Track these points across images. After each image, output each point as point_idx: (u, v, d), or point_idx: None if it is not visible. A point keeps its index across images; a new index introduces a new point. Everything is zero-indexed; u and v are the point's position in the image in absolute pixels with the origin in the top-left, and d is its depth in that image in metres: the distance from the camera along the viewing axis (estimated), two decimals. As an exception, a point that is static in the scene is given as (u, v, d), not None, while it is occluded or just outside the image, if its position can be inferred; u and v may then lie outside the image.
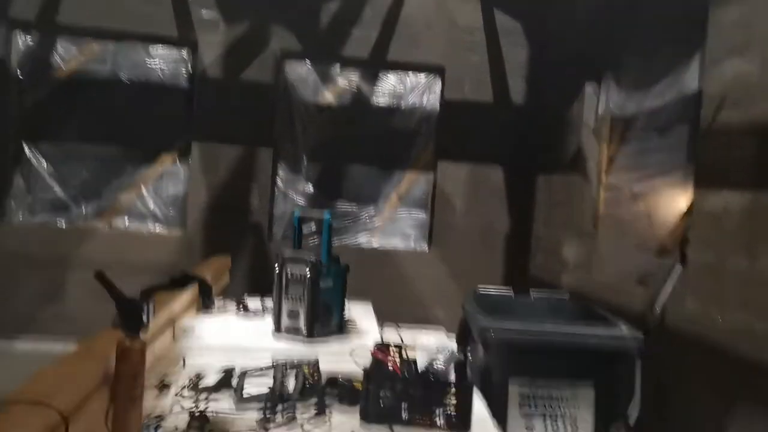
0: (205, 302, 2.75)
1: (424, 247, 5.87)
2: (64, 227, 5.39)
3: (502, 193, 5.86)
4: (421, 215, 5.91)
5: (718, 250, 3.42)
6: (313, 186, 5.74)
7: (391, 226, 5.89)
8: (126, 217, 5.51)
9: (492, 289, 3.09)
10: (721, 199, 3.43)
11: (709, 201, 3.54)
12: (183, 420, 1.69)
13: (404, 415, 1.76)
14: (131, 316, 1.62)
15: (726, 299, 3.33)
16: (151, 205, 5.52)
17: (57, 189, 5.43)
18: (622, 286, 4.29)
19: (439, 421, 1.76)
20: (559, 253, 5.20)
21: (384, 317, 2.76)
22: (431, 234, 5.85)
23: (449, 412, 1.76)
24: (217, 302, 2.81)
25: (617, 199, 4.68)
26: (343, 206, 5.75)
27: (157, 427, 1.52)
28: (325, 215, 2.51)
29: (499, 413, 2.14)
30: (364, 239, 5.80)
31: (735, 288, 3.28)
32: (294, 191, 5.72)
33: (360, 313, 2.87)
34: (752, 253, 3.22)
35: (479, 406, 1.95)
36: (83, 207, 5.46)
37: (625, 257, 4.48)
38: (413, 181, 5.90)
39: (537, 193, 5.78)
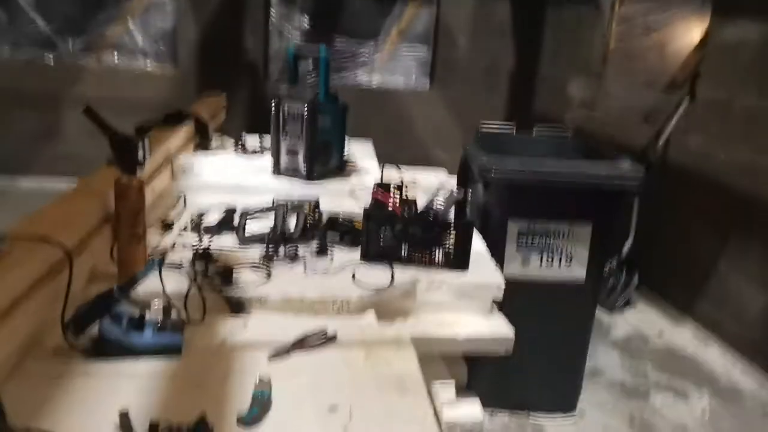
0: (201, 140, 2.71)
1: (426, 85, 5.71)
2: (52, 63, 5.21)
3: (508, 29, 5.59)
4: (423, 52, 5.68)
5: (728, 85, 3.33)
6: (308, 20, 5.45)
7: (392, 64, 5.69)
8: (115, 53, 5.31)
9: (494, 126, 3.03)
10: (738, 30, 3.27)
11: (725, 32, 3.37)
12: (187, 256, 1.72)
13: (403, 254, 1.79)
14: (126, 153, 1.59)
15: (731, 136, 3.30)
16: (140, 40, 5.29)
17: (40, 22, 5.17)
18: (627, 123, 4.24)
19: (438, 258, 1.79)
20: (564, 92, 5.08)
21: (384, 158, 2.74)
22: (433, 72, 5.67)
23: (448, 251, 1.79)
24: (215, 141, 2.77)
25: (629, 32, 4.48)
26: (341, 42, 5.51)
27: (161, 263, 1.54)
28: (322, 51, 2.39)
29: (497, 250, 2.19)
30: (363, 77, 5.63)
31: (741, 125, 3.24)
32: (289, 27, 5.45)
33: (360, 153, 2.84)
34: (763, 89, 3.13)
35: (478, 244, 1.98)
36: (69, 42, 5.24)
37: (632, 94, 4.38)
38: (415, 15, 5.60)
39: (544, 29, 5.52)
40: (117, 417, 1.07)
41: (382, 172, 2.14)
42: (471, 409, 1.73)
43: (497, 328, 1.74)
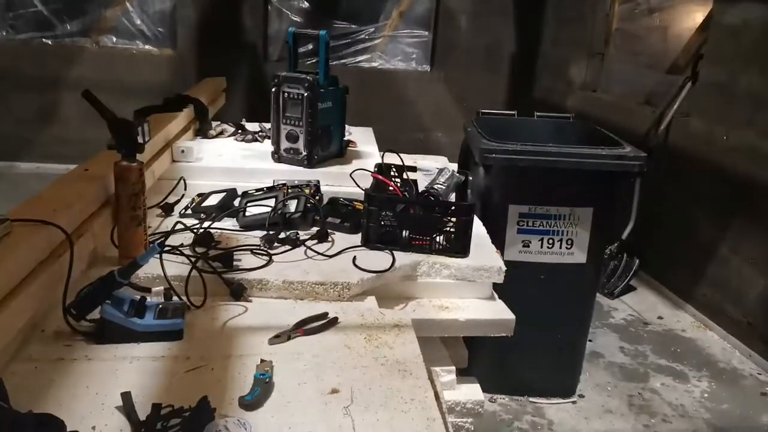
0: (201, 125, 2.70)
1: (426, 67, 5.67)
2: (50, 44, 5.18)
3: (510, 10, 5.54)
4: (424, 34, 5.63)
5: (731, 67, 3.30)
6: (308, 1, 5.40)
7: (392, 46, 5.64)
8: (113, 36, 5.27)
9: (495, 111, 3.01)
10: (742, 11, 3.24)
11: (728, 14, 3.35)
12: (188, 238, 1.72)
13: (404, 238, 1.78)
14: (126, 136, 1.58)
15: (733, 118, 3.28)
16: (138, 22, 5.24)
17: (38, 4, 5.13)
18: (628, 106, 4.22)
19: (439, 243, 1.79)
20: (566, 74, 5.05)
21: (385, 142, 2.73)
22: (434, 54, 5.63)
23: (449, 235, 1.79)
24: (214, 125, 2.75)
25: (632, 13, 4.44)
26: (342, 24, 5.46)
27: (162, 246, 1.54)
28: (322, 33, 2.37)
29: (497, 234, 2.18)
30: (363, 59, 5.59)
31: (744, 107, 3.22)
32: (288, 8, 5.40)
33: (361, 137, 2.83)
34: (766, 71, 3.11)
35: (478, 228, 1.98)
36: (67, 24, 5.20)
37: (634, 76, 4.36)
38: (416, -3, 5.55)
39: (546, 9, 5.48)
40: (119, 399, 1.07)
41: (382, 159, 2.13)
42: (471, 391, 1.74)
43: (498, 312, 1.74)
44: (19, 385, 1.12)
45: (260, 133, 2.69)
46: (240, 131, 2.74)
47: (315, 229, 1.87)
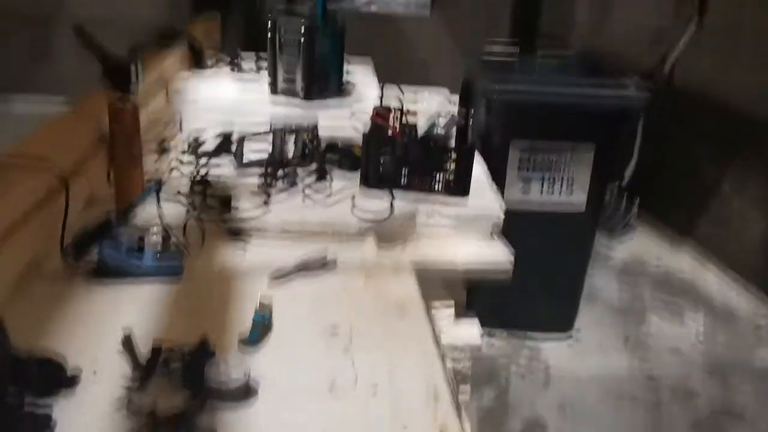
0: (196, 61, 2.64)
1: (426, 9, 5.51)
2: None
3: (513, -55, 5.34)
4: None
5: (738, 6, 3.21)
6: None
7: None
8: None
9: (497, 48, 2.94)
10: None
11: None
12: (184, 181, 1.70)
13: (403, 180, 1.77)
14: (119, 74, 1.54)
15: (740, 57, 3.21)
16: (130, -45, 5.06)
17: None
18: (634, 45, 4.12)
19: (438, 185, 1.77)
20: (571, 13, 4.92)
21: (384, 79, 2.67)
22: (434, -7, 5.46)
23: (448, 177, 1.77)
24: (210, 62, 2.69)
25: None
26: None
27: (159, 188, 1.52)
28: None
29: (498, 175, 2.17)
30: (361, 2, 5.42)
31: (750, 47, 3.15)
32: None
33: (360, 75, 2.77)
34: (777, 8, 3.03)
35: (478, 169, 1.95)
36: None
37: (640, 14, 4.24)
38: (415, -72, 5.34)
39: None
40: (119, 338, 1.08)
41: (382, 92, 2.09)
42: (470, 329, 1.76)
43: (497, 254, 1.74)
44: (19, 325, 1.12)
45: (257, 66, 2.63)
46: (236, 67, 2.68)
47: (313, 171, 1.85)
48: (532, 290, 2.63)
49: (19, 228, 1.26)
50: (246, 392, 1.00)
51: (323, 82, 2.33)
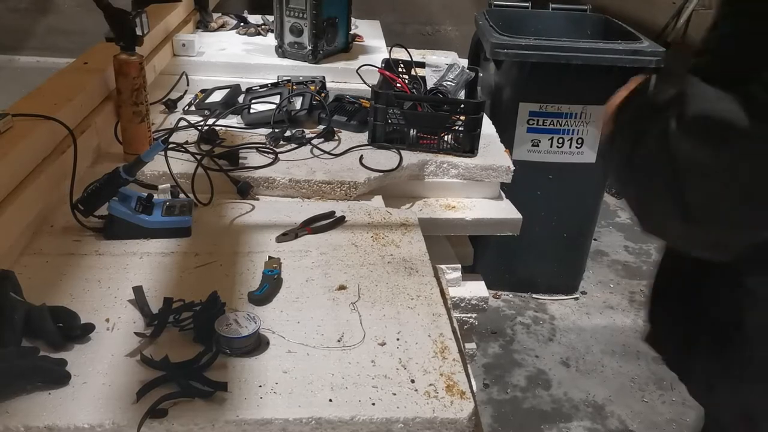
0: (202, 17, 2.60)
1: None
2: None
3: None
4: None
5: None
6: None
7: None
8: None
9: (507, 3, 2.87)
10: None
11: None
12: (192, 135, 1.70)
13: (412, 136, 1.75)
14: (124, 28, 1.52)
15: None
16: None
17: None
18: (648, 1, 4.02)
19: (447, 141, 1.76)
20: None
21: (391, 36, 2.63)
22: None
23: (457, 133, 1.76)
24: (215, 17, 2.65)
25: None
26: None
27: (166, 143, 1.52)
28: None
29: (506, 133, 2.15)
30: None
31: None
32: None
33: (367, 31, 2.72)
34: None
35: (487, 127, 1.94)
36: None
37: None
38: None
39: None
40: (131, 293, 1.09)
41: (390, 53, 2.06)
42: (476, 287, 1.77)
43: (504, 211, 1.74)
44: (32, 279, 1.14)
45: (263, 26, 2.59)
46: (242, 24, 2.63)
47: (321, 126, 1.84)
48: (538, 248, 2.64)
49: (27, 183, 1.26)
50: (256, 345, 1.01)
51: (330, 37, 2.29)
